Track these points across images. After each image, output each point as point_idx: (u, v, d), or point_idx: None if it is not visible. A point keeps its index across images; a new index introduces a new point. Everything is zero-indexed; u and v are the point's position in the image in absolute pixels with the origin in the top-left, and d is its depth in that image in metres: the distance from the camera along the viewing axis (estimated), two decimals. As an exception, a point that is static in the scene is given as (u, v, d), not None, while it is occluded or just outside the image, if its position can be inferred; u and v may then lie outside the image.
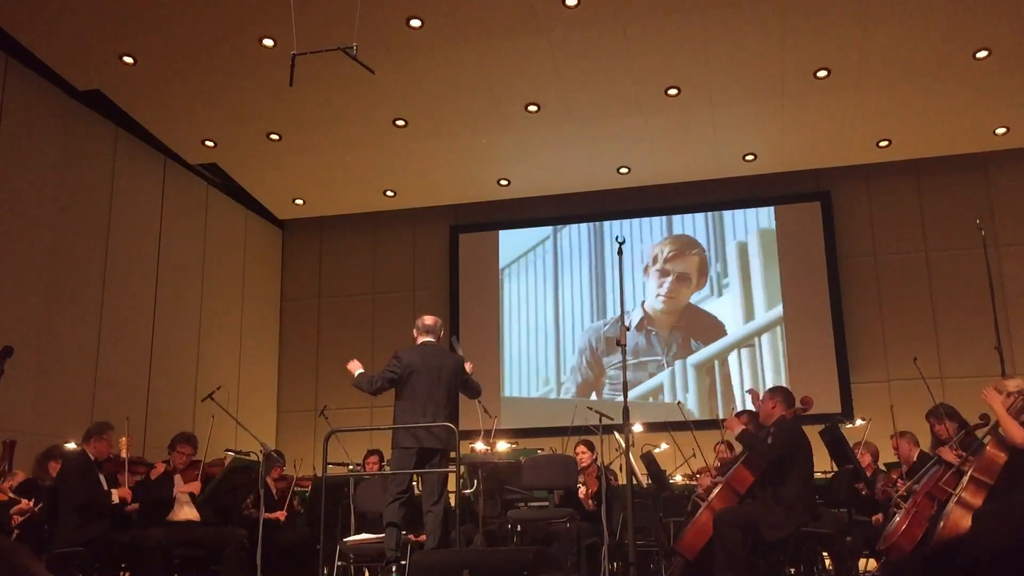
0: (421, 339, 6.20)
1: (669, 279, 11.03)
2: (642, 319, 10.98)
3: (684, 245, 11.10)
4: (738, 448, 6.20)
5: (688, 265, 11.05)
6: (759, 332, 10.65)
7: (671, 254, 11.10)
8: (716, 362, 10.71)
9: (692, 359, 10.77)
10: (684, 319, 10.90)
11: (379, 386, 6.07)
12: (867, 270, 10.62)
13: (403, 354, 6.10)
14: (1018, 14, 7.88)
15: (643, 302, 11.04)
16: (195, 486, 6.33)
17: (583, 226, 11.41)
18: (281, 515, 7.23)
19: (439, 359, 6.06)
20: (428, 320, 6.26)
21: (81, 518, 5.91)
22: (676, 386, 10.73)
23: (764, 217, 10.96)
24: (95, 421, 6.47)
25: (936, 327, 10.24)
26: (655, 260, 11.11)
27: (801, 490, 5.28)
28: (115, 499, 6.04)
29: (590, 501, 7.04)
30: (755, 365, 10.59)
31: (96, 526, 5.94)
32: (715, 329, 10.81)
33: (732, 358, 10.68)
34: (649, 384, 10.80)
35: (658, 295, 11.02)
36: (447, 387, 5.99)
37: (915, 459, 6.47)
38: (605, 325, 11.12)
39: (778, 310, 10.65)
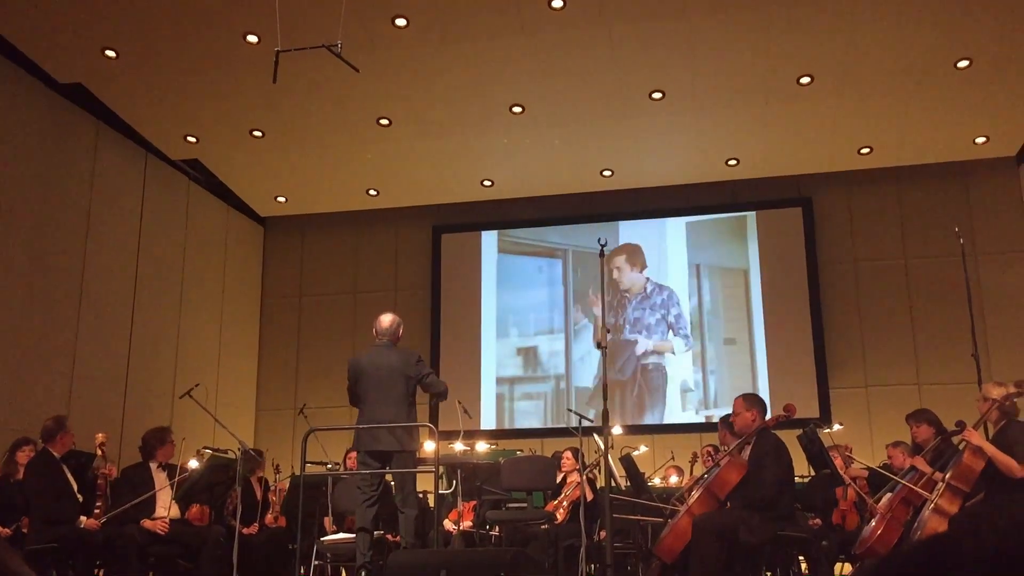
0: (377, 342, 6.06)
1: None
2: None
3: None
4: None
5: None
6: (737, 336, 10.69)
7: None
8: (693, 366, 10.76)
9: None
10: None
11: (350, 400, 6.07)
12: (847, 276, 10.69)
13: (352, 361, 6.03)
14: (1000, 24, 7.96)
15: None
16: None
17: (565, 227, 11.43)
18: (254, 529, 7.15)
19: (388, 359, 5.89)
20: (384, 322, 6.04)
21: (49, 520, 5.88)
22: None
23: (745, 222, 11.00)
24: (50, 418, 6.24)
25: (914, 334, 10.32)
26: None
27: (779, 496, 5.29)
28: (82, 524, 5.94)
29: (562, 509, 6.97)
30: (734, 369, 10.63)
31: (65, 526, 5.88)
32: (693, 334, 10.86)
33: (711, 362, 10.72)
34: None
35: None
36: (401, 387, 5.83)
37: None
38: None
39: (758, 314, 10.70)
